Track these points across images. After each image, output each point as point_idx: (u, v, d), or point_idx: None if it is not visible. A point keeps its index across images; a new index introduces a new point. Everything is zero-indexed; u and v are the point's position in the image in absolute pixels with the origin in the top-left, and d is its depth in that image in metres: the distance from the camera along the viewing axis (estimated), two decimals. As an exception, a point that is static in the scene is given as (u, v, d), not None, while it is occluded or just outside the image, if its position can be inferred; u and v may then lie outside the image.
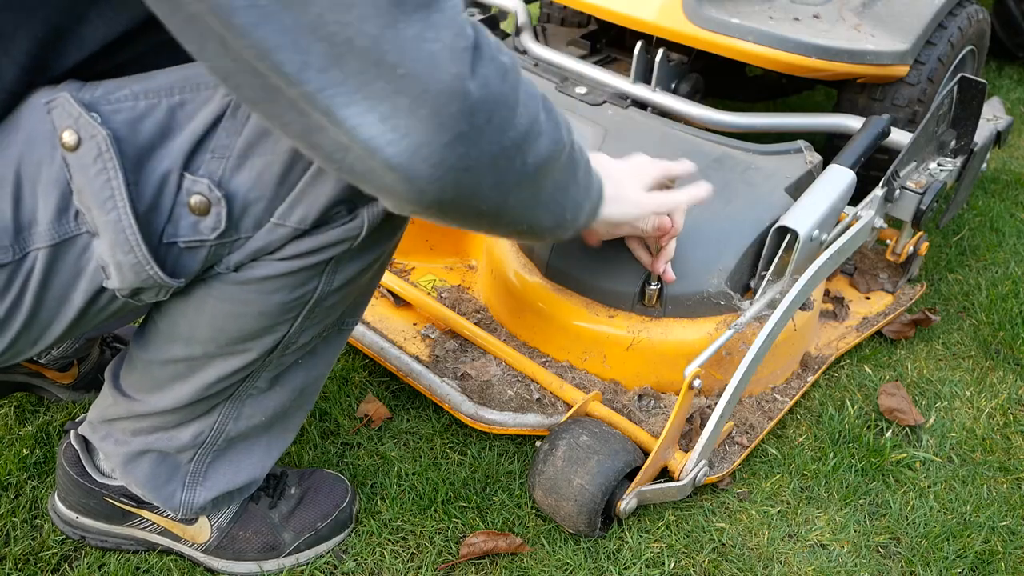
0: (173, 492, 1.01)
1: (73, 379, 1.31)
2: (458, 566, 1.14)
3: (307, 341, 0.92)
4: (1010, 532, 1.22)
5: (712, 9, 1.57)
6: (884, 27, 1.67)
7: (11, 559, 1.10)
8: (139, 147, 0.73)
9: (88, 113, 0.71)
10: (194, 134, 0.74)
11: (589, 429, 1.16)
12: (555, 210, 0.83)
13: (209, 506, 1.03)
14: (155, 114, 0.74)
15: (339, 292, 0.88)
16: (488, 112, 0.64)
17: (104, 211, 0.73)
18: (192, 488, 1.01)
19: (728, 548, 1.18)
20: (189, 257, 0.78)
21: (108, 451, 1.02)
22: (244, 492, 1.06)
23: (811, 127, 1.68)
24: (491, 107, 0.64)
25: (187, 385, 0.92)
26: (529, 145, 0.71)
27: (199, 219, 0.76)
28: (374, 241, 0.86)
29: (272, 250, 0.80)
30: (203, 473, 1.01)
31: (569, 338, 1.32)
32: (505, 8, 1.91)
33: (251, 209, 0.77)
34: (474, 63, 0.63)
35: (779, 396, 1.37)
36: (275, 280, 0.82)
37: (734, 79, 2.06)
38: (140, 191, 0.74)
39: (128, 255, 0.74)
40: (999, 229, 1.92)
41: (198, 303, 0.84)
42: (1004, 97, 2.63)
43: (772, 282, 1.28)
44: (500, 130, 0.66)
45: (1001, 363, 1.53)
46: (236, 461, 1.02)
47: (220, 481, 1.02)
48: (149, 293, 0.79)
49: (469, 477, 1.25)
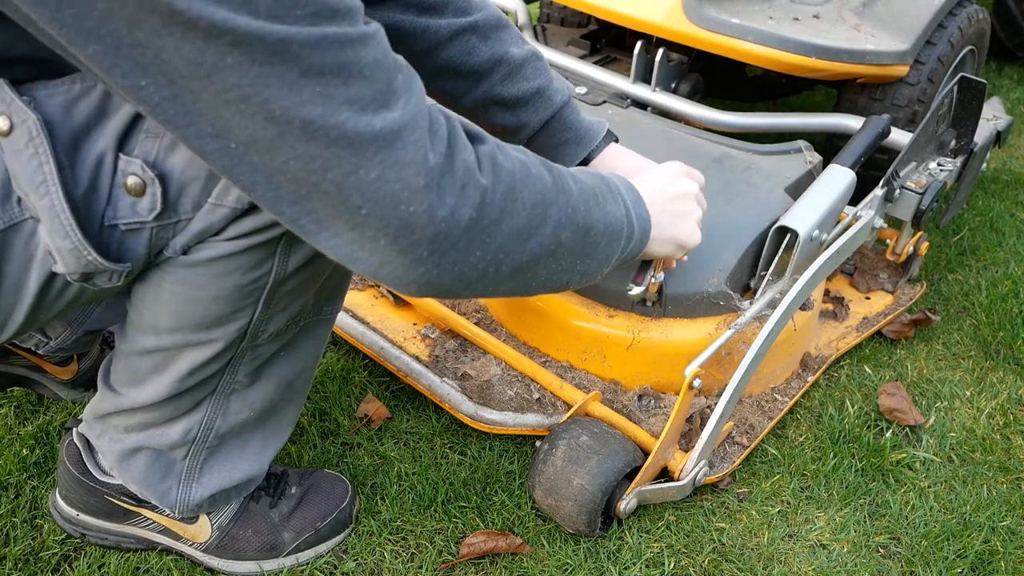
0: (169, 489, 1.01)
1: (73, 375, 1.31)
2: (458, 566, 1.14)
3: (279, 330, 0.91)
4: (1010, 532, 1.22)
5: (712, 9, 1.57)
6: (884, 27, 1.67)
7: (11, 559, 1.10)
8: (74, 130, 0.72)
9: (20, 97, 0.70)
10: (128, 114, 0.73)
11: (589, 429, 1.16)
12: (571, 277, 0.86)
13: (206, 503, 1.03)
14: (91, 96, 0.73)
15: (298, 275, 0.86)
16: (451, 239, 0.68)
17: (38, 196, 0.72)
18: (188, 485, 1.01)
19: (728, 548, 1.18)
20: (133, 240, 0.77)
21: (104, 448, 1.02)
22: (242, 490, 1.06)
23: (811, 127, 1.68)
24: (455, 235, 0.68)
25: (164, 378, 0.91)
26: (518, 247, 0.74)
27: (136, 200, 0.75)
28: None
29: (216, 231, 0.79)
30: (198, 470, 1.01)
31: (569, 338, 1.32)
32: (505, 8, 1.91)
33: (188, 189, 0.76)
34: (439, 195, 0.66)
35: (779, 396, 1.37)
36: (225, 262, 0.80)
37: (734, 79, 2.06)
38: (77, 174, 0.73)
39: (65, 240, 0.73)
40: (999, 229, 1.92)
41: (156, 289, 0.84)
42: (1004, 97, 2.63)
43: (772, 282, 1.28)
44: (467, 251, 0.70)
45: (1001, 363, 1.53)
46: (231, 458, 1.02)
47: (216, 478, 1.02)
48: (101, 278, 0.78)
49: (469, 477, 1.25)
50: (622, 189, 0.93)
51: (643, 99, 1.68)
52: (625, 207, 0.92)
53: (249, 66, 0.57)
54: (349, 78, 0.61)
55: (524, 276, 0.79)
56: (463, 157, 0.68)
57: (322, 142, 0.61)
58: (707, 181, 1.36)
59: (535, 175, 0.77)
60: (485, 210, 0.69)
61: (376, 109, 0.63)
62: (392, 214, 0.64)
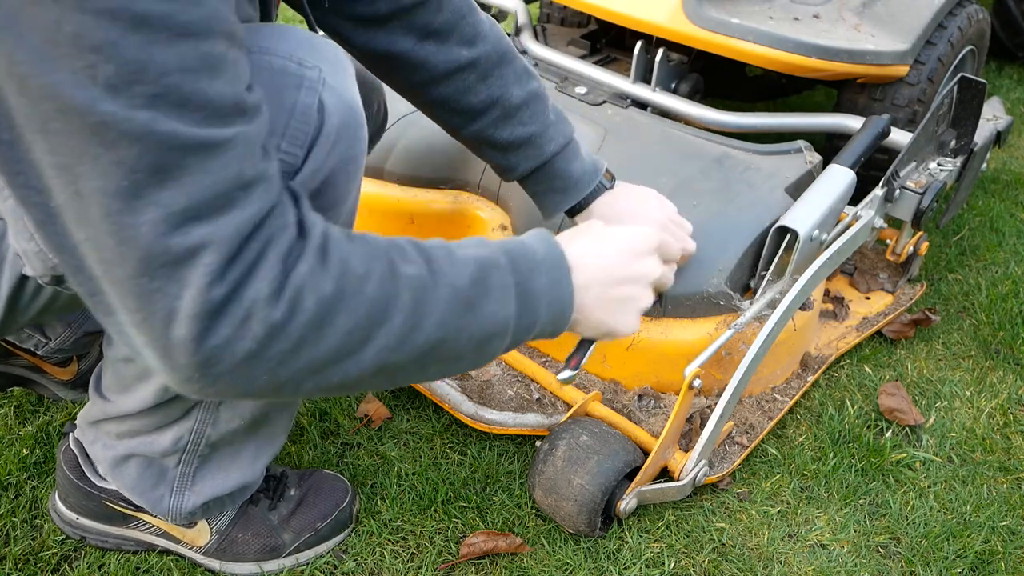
0: (161, 497, 1.01)
1: (73, 376, 1.31)
2: (458, 566, 1.14)
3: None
4: (1010, 532, 1.22)
5: (712, 9, 1.57)
6: (884, 27, 1.67)
7: (11, 559, 1.10)
8: None
9: None
10: None
11: (589, 429, 1.16)
12: (419, 379, 0.78)
13: (200, 511, 1.03)
14: None
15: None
16: (222, 368, 0.63)
17: (2, 199, 0.71)
18: (180, 493, 1.01)
19: (728, 548, 1.18)
20: None
21: (97, 455, 1.02)
22: (236, 497, 1.05)
23: (811, 127, 1.68)
24: (226, 364, 0.62)
25: (149, 385, 0.91)
26: (323, 371, 0.67)
27: None
28: None
29: None
30: (191, 478, 1.00)
31: (569, 338, 1.32)
32: (505, 8, 1.91)
33: None
34: (212, 325, 0.60)
35: (779, 396, 1.37)
36: None
37: (734, 79, 2.06)
38: None
39: (29, 243, 0.73)
40: (999, 229, 1.92)
41: None
42: (1004, 97, 2.63)
43: (772, 282, 1.28)
44: (247, 377, 0.64)
45: (1001, 363, 1.53)
46: (223, 466, 1.01)
47: (208, 486, 1.01)
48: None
49: (469, 477, 1.25)
50: (535, 271, 0.79)
51: (643, 99, 1.68)
52: (520, 302, 0.77)
53: (68, 136, 0.55)
54: (165, 182, 0.57)
55: (341, 389, 0.71)
56: (258, 287, 0.62)
57: (115, 237, 0.58)
58: (707, 181, 1.36)
59: (371, 296, 0.67)
60: (272, 342, 0.63)
61: (181, 223, 0.58)
62: (161, 330, 0.61)
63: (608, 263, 0.86)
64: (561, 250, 0.82)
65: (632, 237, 0.89)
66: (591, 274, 0.84)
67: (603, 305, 0.86)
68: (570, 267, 0.82)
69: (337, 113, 0.73)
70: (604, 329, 0.89)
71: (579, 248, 0.84)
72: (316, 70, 0.72)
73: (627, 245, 0.88)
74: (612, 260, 0.86)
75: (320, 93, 0.72)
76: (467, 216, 1.49)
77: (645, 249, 0.90)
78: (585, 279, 0.83)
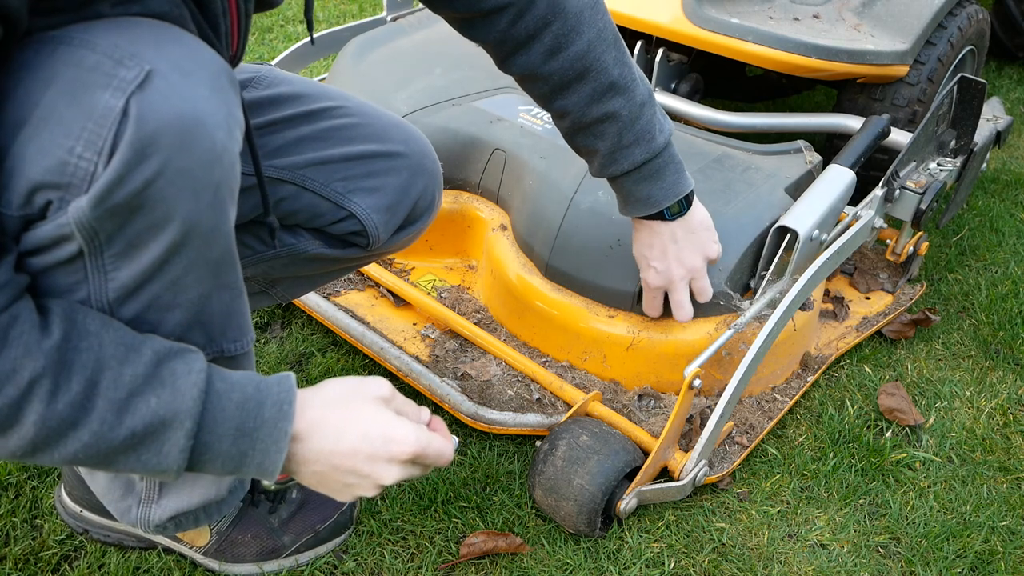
0: (129, 508, 0.99)
1: None
2: (458, 566, 1.14)
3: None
4: (1010, 532, 1.22)
5: (712, 9, 1.57)
6: (884, 27, 1.67)
7: (11, 559, 1.10)
8: None
9: None
10: None
11: (589, 429, 1.16)
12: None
13: (169, 525, 1.00)
14: None
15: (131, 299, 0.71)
16: None
17: None
18: (147, 506, 0.99)
19: (728, 548, 1.18)
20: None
21: None
22: (209, 511, 1.01)
23: (811, 127, 1.68)
24: None
25: None
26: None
27: None
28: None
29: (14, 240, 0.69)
30: (156, 492, 0.98)
31: (569, 338, 1.32)
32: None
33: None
34: None
35: (779, 396, 1.37)
36: (40, 276, 0.70)
37: (734, 79, 2.06)
38: None
39: None
40: (999, 229, 1.92)
41: None
42: (1004, 97, 2.63)
43: (772, 282, 1.28)
44: None
45: (1001, 363, 1.53)
46: (187, 483, 0.98)
47: (174, 501, 0.98)
48: None
49: (469, 477, 1.25)
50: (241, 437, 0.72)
51: (643, 99, 1.67)
52: (196, 454, 0.72)
53: None
54: None
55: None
56: None
57: None
58: (707, 181, 1.36)
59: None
60: None
61: None
62: None
63: (342, 451, 0.77)
64: (288, 424, 0.74)
65: (386, 441, 0.78)
66: (315, 454, 0.77)
67: (318, 480, 0.80)
68: (295, 437, 0.75)
69: (155, 120, 0.64)
70: (324, 491, 0.82)
71: (319, 425, 0.77)
72: (137, 71, 0.64)
73: (371, 447, 0.78)
74: (346, 451, 0.78)
75: (130, 96, 0.63)
76: (467, 216, 1.49)
77: (390, 457, 0.79)
78: (305, 455, 0.77)
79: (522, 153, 1.43)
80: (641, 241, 1.18)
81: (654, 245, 1.17)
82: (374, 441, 0.78)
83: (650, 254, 1.18)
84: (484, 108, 1.53)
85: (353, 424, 0.78)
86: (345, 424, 0.78)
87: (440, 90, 1.57)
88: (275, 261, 1.06)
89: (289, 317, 1.53)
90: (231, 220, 0.73)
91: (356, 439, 0.77)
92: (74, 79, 0.64)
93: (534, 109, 1.53)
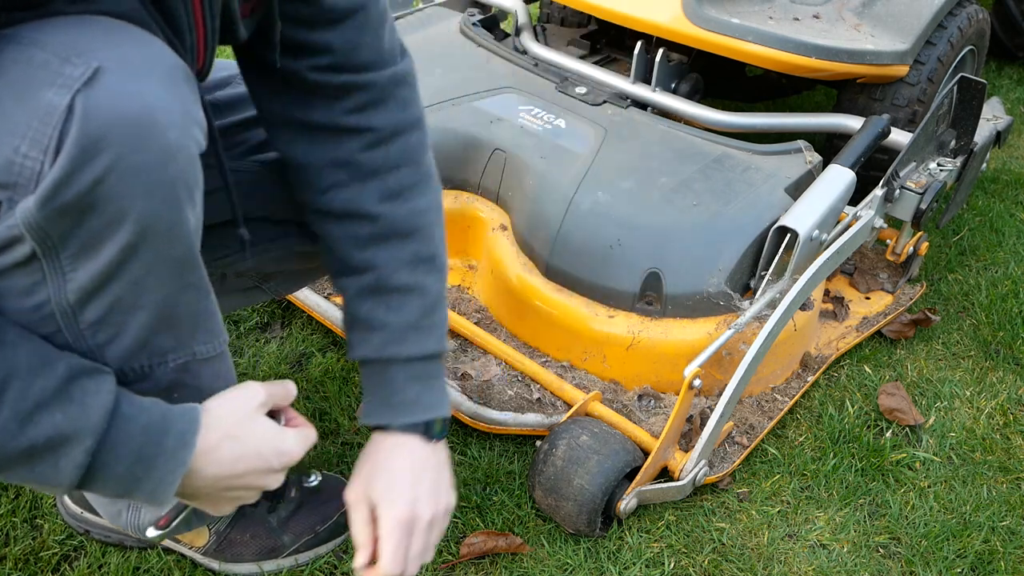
0: (119, 512, 1.00)
1: None
2: (458, 566, 1.14)
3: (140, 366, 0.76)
4: (1010, 532, 1.22)
5: (712, 9, 1.57)
6: (884, 27, 1.67)
7: (11, 559, 1.10)
8: None
9: None
10: None
11: (589, 429, 1.16)
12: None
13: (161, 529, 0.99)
14: None
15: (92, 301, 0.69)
16: None
17: None
18: (137, 510, 1.00)
19: (728, 548, 1.18)
20: None
21: None
22: (200, 515, 1.00)
23: (811, 127, 1.68)
24: None
25: None
26: None
27: None
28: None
29: None
30: None
31: (569, 338, 1.32)
32: (505, 8, 1.91)
33: None
34: None
35: (779, 396, 1.37)
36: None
37: (734, 79, 2.06)
38: None
39: None
40: (999, 229, 1.92)
41: None
42: (1004, 97, 2.63)
43: (772, 282, 1.28)
44: None
45: (1001, 363, 1.53)
46: None
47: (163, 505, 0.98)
48: None
49: (469, 477, 1.25)
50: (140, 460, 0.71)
51: (643, 99, 1.67)
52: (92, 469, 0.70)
53: None
54: None
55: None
56: None
57: None
58: (707, 181, 1.36)
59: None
60: None
61: None
62: None
63: (238, 472, 0.78)
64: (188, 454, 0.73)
65: (279, 455, 0.81)
66: (212, 479, 0.77)
67: (212, 502, 0.81)
68: (192, 469, 0.74)
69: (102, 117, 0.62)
70: (200, 506, 0.83)
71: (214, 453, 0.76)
72: (84, 68, 0.62)
73: (266, 464, 0.80)
74: (242, 472, 0.78)
75: (76, 93, 0.62)
76: (467, 216, 1.49)
77: (281, 467, 0.81)
78: (200, 484, 0.77)
79: (522, 153, 1.43)
80: (379, 464, 0.92)
81: (405, 469, 0.91)
82: (269, 458, 0.80)
83: (398, 480, 0.90)
84: (484, 108, 1.53)
85: (248, 446, 0.79)
86: (241, 448, 0.78)
87: (440, 90, 1.57)
88: (266, 256, 1.05)
89: (289, 317, 1.53)
90: (191, 219, 0.71)
91: (252, 459, 0.79)
92: (21, 77, 0.62)
93: (534, 109, 1.53)
